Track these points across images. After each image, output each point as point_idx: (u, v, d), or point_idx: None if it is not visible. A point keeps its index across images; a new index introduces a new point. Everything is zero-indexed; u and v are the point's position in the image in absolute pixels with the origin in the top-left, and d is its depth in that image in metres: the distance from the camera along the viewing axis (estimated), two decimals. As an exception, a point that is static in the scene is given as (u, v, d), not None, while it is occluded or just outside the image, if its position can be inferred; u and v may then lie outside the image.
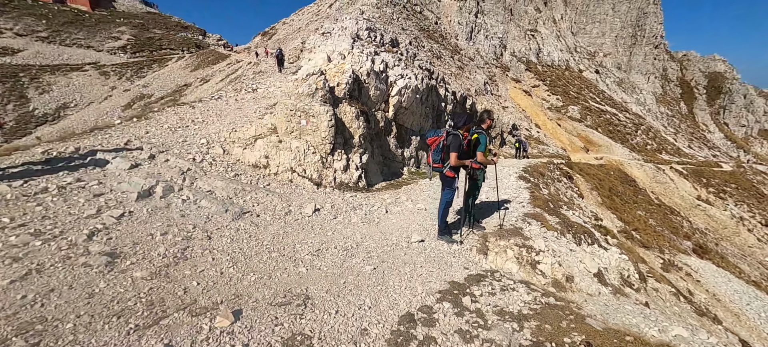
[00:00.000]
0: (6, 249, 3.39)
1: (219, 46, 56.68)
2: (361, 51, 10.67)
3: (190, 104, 12.12)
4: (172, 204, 5.13)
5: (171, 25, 57.78)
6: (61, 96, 40.86)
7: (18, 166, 5.57)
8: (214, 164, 6.95)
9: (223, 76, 34.95)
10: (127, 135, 7.87)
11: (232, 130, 8.98)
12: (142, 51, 50.31)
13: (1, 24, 41.28)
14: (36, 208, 4.35)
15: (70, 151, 6.45)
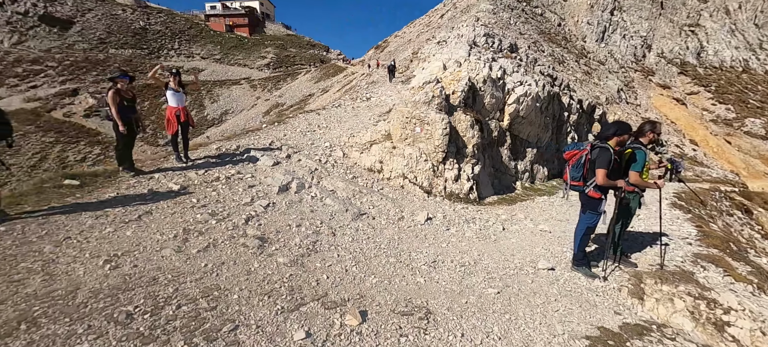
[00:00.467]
0: (195, 224, 4.32)
1: (338, 60, 63.33)
2: (478, 58, 10.22)
3: (316, 112, 13.74)
4: (303, 199, 5.77)
5: (303, 44, 67.37)
6: (225, 104, 52.20)
7: (201, 158, 7.16)
8: (335, 166, 7.61)
9: (340, 86, 38.95)
10: (271, 137, 9.35)
11: (351, 135, 9.74)
12: (280, 67, 60.10)
13: (194, 50, 55.09)
14: (211, 193, 5.47)
15: (234, 148, 7.99)
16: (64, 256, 3.29)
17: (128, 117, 5.59)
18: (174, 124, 6.42)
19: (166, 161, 6.84)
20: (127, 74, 5.61)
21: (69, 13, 49.24)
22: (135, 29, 52.53)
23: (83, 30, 49.15)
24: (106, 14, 51.81)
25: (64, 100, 41.29)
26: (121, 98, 5.48)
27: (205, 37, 59.07)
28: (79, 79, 44.26)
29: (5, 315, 2.41)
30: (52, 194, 4.62)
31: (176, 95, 6.41)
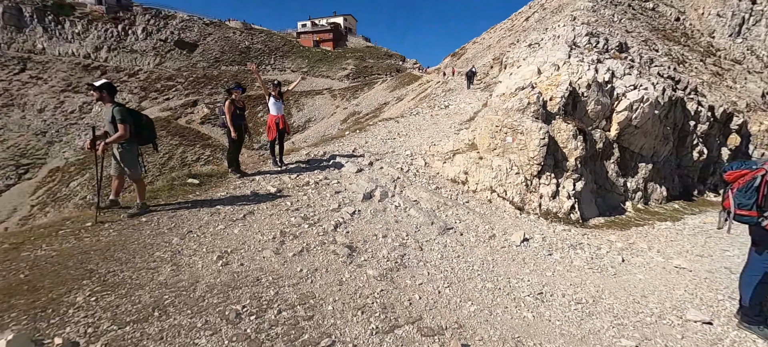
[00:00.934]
0: (290, 228, 4.50)
1: (413, 69, 63.87)
2: (580, 59, 9.01)
3: (395, 119, 13.83)
4: (387, 208, 5.66)
5: (381, 55, 69.77)
6: (308, 113, 56.88)
7: (293, 163, 7.65)
8: (417, 175, 7.40)
9: (415, 95, 39.08)
10: (353, 144, 9.62)
11: (432, 144, 9.45)
12: (359, 77, 63.13)
13: (286, 64, 61.38)
14: (303, 197, 5.73)
15: (321, 154, 8.39)
16: (187, 249, 3.68)
17: (239, 124, 6.22)
18: (273, 130, 6.97)
19: (265, 164, 7.46)
20: (240, 85, 6.26)
21: (195, 38, 59.69)
22: (241, 48, 61.06)
23: (204, 51, 59.01)
24: (221, 37, 61.36)
25: (187, 109, 49.84)
26: (235, 107, 6.12)
27: (296, 52, 65.49)
28: (198, 92, 53.02)
29: (143, 300, 2.71)
30: (179, 191, 5.35)
31: (276, 104, 6.96)
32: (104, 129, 4.21)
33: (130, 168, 4.30)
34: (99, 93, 4.12)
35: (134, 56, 54.67)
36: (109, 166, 4.47)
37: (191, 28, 60.67)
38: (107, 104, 4.16)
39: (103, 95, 4.14)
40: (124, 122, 4.11)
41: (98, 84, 4.11)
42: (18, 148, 40.36)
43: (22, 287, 2.73)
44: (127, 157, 4.28)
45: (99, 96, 4.13)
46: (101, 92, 4.12)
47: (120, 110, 4.13)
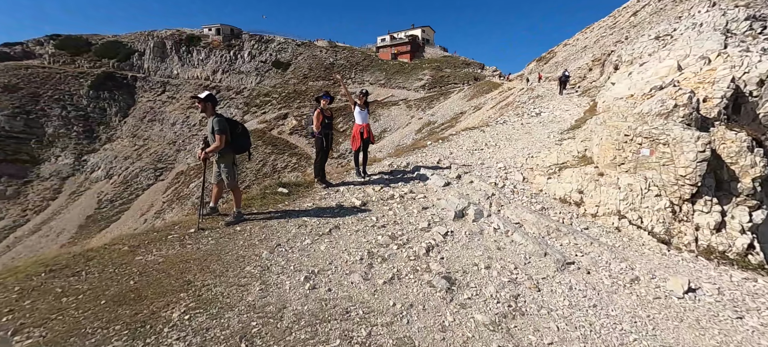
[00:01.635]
0: (377, 248, 4.05)
1: (493, 77, 60.60)
2: (744, 49, 6.83)
3: (480, 128, 12.74)
4: (484, 231, 4.83)
5: (458, 63, 68.09)
6: (384, 123, 58.18)
7: (376, 174, 7.32)
8: (516, 192, 6.36)
9: (494, 103, 36.60)
10: (437, 155, 8.96)
11: (528, 156, 8.22)
12: (434, 87, 62.45)
13: (365, 77, 64.16)
14: (388, 212, 5.27)
15: (404, 165, 7.93)
16: (276, 265, 3.47)
17: (326, 133, 6.13)
18: (358, 140, 6.75)
19: (348, 174, 7.29)
20: (329, 94, 6.18)
21: (288, 57, 66.86)
22: (326, 65, 66.10)
23: (295, 69, 65.57)
24: (310, 56, 67.48)
25: (279, 122, 55.61)
26: (323, 116, 6.06)
27: (374, 65, 68.11)
28: (289, 106, 58.80)
29: (232, 325, 2.48)
30: (270, 199, 5.40)
31: (362, 113, 6.74)
32: (207, 139, 4.38)
33: (226, 177, 4.40)
34: (203, 105, 4.29)
35: (241, 77, 63.50)
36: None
37: (286, 50, 68.02)
38: (209, 115, 4.32)
39: (206, 107, 4.31)
40: (221, 132, 4.21)
41: (202, 96, 4.29)
42: (156, 155, 50.01)
43: (130, 295, 2.76)
44: (224, 166, 4.39)
45: (203, 107, 4.30)
46: (205, 103, 4.29)
47: (219, 120, 4.25)
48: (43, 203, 41.75)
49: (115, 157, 48.96)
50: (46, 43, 61.22)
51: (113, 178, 46.06)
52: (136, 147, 51.19)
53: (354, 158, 7.17)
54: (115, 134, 53.00)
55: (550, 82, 29.57)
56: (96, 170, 46.85)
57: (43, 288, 2.81)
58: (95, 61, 60.03)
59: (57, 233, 37.07)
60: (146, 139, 53.12)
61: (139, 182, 44.83)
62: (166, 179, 45.22)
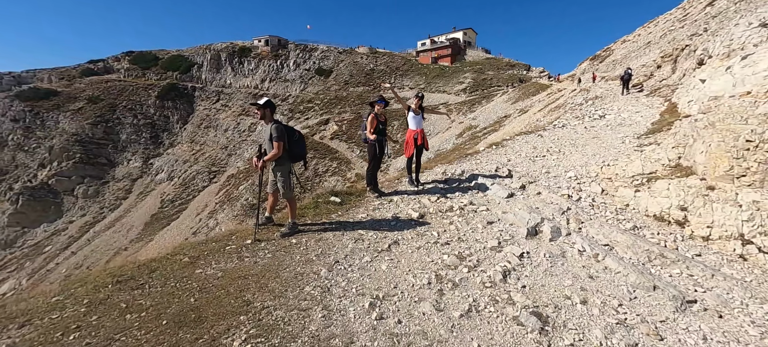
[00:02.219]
0: (445, 270, 3.57)
1: (541, 78, 57.39)
2: None
3: (537, 133, 11.72)
4: (567, 253, 4.14)
5: (501, 65, 65.49)
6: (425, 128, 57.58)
7: (430, 182, 6.85)
8: (596, 206, 5.52)
9: (543, 105, 34.33)
10: (493, 162, 8.26)
11: (603, 164, 7.23)
12: (476, 91, 60.52)
13: (404, 82, 64.00)
14: (449, 227, 4.78)
15: (458, 173, 7.37)
16: (336, 286, 3.15)
17: (380, 139, 5.79)
18: (411, 146, 6.34)
19: (400, 183, 6.91)
20: (384, 98, 5.86)
21: (330, 65, 68.83)
22: (366, 71, 67.00)
23: (336, 76, 67.28)
24: (351, 62, 68.88)
25: (321, 127, 57.24)
26: (378, 121, 5.74)
27: (414, 70, 67.73)
28: (330, 111, 60.32)
29: (297, 363, 2.16)
30: (323, 209, 5.16)
31: (416, 119, 6.33)
32: (263, 147, 4.23)
33: (282, 186, 4.21)
34: (262, 111, 4.15)
35: (286, 84, 66.49)
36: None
37: (328, 57, 70.10)
38: (268, 122, 4.16)
39: (265, 113, 4.16)
40: (279, 139, 4.03)
41: (262, 102, 4.15)
42: (211, 158, 53.82)
43: (190, 315, 2.57)
44: (280, 175, 4.21)
45: (262, 114, 4.16)
46: (264, 110, 4.14)
47: (277, 127, 4.08)
48: (116, 201, 46.72)
49: (175, 160, 53.49)
50: (123, 59, 69.02)
51: (174, 180, 50.30)
52: (193, 152, 55.53)
53: (407, 165, 6.79)
54: (176, 140, 57.98)
55: (607, 82, 27.10)
56: (160, 173, 51.49)
57: (109, 302, 2.73)
58: (161, 74, 66.42)
59: (127, 230, 41.15)
60: (202, 144, 57.45)
61: (196, 184, 48.46)
62: (219, 182, 48.37)
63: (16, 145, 50.81)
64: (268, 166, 4.26)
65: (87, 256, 37.76)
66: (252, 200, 40.03)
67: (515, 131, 21.83)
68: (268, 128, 4.14)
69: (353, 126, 55.84)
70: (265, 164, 4.13)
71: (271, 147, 4.09)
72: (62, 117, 53.52)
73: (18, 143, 50.92)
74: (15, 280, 35.70)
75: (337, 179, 45.66)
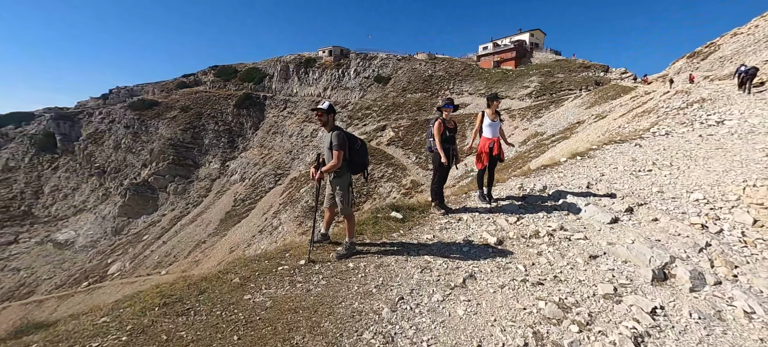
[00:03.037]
0: (546, 326, 2.68)
1: (622, 80, 50.98)
2: None
3: (634, 142, 9.81)
4: (724, 314, 2.92)
5: (573, 67, 59.82)
6: (484, 135, 54.66)
7: (504, 198, 5.88)
8: (750, 244, 4.05)
9: (626, 110, 29.87)
10: (582, 176, 6.92)
11: (747, 184, 5.49)
12: (543, 95, 55.90)
13: (463, 88, 61.90)
14: (539, 259, 3.82)
15: (538, 188, 6.25)
16: (401, 335, 2.51)
17: (447, 148, 5.05)
18: (485, 158, 5.47)
19: (468, 198, 6.05)
20: (452, 103, 5.10)
21: (389, 72, 69.61)
22: (424, 77, 66.27)
23: (394, 83, 67.72)
24: (409, 69, 68.84)
25: (377, 133, 57.85)
26: (445, 127, 5.01)
27: (474, 75, 65.09)
28: (387, 118, 60.73)
29: None
30: (383, 226, 4.57)
31: (492, 125, 5.45)
32: (323, 155, 3.79)
33: (341, 202, 3.73)
34: (325, 116, 3.73)
35: (346, 92, 68.86)
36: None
37: (387, 65, 71.05)
38: (329, 129, 3.73)
39: (328, 119, 3.73)
40: (339, 147, 3.56)
41: (324, 107, 3.74)
42: (277, 162, 57.80)
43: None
44: (339, 188, 3.73)
45: (324, 120, 3.74)
46: (328, 115, 3.73)
47: (337, 134, 3.62)
48: (199, 198, 52.59)
49: (247, 163, 58.57)
50: (209, 72, 78.31)
51: (245, 181, 55.03)
52: (262, 155, 60.27)
53: (477, 178, 5.92)
54: (248, 144, 63.58)
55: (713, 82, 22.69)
56: (234, 174, 56.80)
57: (151, 331, 2.43)
58: (239, 85, 73.77)
59: (206, 225, 45.92)
60: (270, 148, 62.10)
61: (263, 185, 52.35)
62: (283, 184, 51.61)
63: (126, 147, 60.43)
64: (325, 177, 3.82)
65: (174, 246, 42.95)
66: (311, 203, 41.83)
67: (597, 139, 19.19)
68: (328, 135, 3.71)
69: (409, 132, 55.41)
70: (322, 175, 3.69)
71: (330, 156, 3.65)
72: (161, 124, 62.29)
73: (128, 146, 60.51)
74: (121, 263, 42.01)
75: (393, 185, 45.46)
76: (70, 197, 55.38)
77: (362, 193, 43.78)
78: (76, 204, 54.33)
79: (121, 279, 38.62)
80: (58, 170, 58.75)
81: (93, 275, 40.82)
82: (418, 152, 52.25)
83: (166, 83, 76.01)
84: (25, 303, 38.96)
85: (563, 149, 15.88)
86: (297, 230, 39.64)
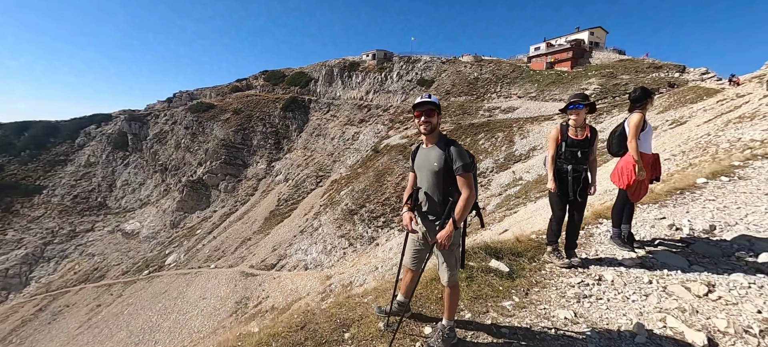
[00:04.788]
0: None
1: (702, 81, 44.85)
2: None
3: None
4: None
5: (641, 68, 53.90)
6: (534, 141, 50.81)
7: (652, 242, 4.29)
8: None
9: (713, 115, 25.60)
10: (760, 209, 5.19)
11: None
12: (604, 98, 50.84)
13: (512, 91, 58.48)
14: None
15: (701, 228, 4.60)
16: None
17: (565, 170, 3.64)
18: (645, 185, 3.85)
19: (595, 240, 4.66)
20: (584, 100, 3.54)
21: (433, 75, 68.02)
22: (470, 80, 63.71)
23: (438, 86, 65.97)
24: (453, 72, 66.68)
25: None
26: (566, 138, 3.64)
27: (524, 77, 61.25)
28: (430, 122, 59.17)
29: None
30: (483, 286, 3.44)
31: (647, 134, 3.83)
32: (422, 188, 2.54)
33: (446, 264, 2.45)
34: (435, 117, 2.43)
35: (388, 95, 68.40)
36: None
37: (430, 68, 69.50)
38: (434, 139, 2.48)
39: (437, 121, 2.44)
40: (469, 170, 2.28)
41: (434, 100, 2.44)
42: (319, 164, 58.79)
43: None
44: (449, 250, 2.42)
45: (433, 123, 2.42)
46: (438, 113, 2.45)
47: (462, 150, 2.34)
48: (246, 197, 55.04)
49: (291, 164, 60.29)
50: (259, 77, 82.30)
51: (289, 181, 56.62)
52: (305, 157, 61.71)
53: (615, 210, 4.19)
54: (293, 146, 65.53)
55: None
56: (278, 175, 58.73)
57: None
58: (286, 89, 76.58)
59: (252, 222, 47.75)
60: (313, 150, 63.42)
61: (305, 187, 53.42)
62: (324, 186, 52.25)
63: (185, 147, 65.22)
64: (421, 222, 2.63)
65: (223, 241, 45.17)
66: (351, 206, 41.64)
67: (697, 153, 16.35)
68: (436, 151, 2.43)
69: (452, 136, 53.30)
70: (416, 220, 2.58)
71: (438, 185, 2.36)
72: (215, 125, 66.42)
73: (187, 145, 65.26)
74: (176, 254, 45.04)
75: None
76: (137, 191, 60.90)
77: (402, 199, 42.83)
78: (141, 198, 59.58)
79: (176, 269, 41.30)
80: (128, 166, 65.02)
81: (153, 264, 44.17)
82: (462, 158, 49.81)
83: (222, 87, 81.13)
84: (98, 286, 43.00)
85: (699, 168, 13.30)
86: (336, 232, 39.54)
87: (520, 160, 48.49)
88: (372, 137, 61.47)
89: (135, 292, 38.24)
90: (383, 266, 30.93)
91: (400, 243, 37.31)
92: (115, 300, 38.01)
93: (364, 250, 35.09)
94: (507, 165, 48.32)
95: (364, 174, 48.32)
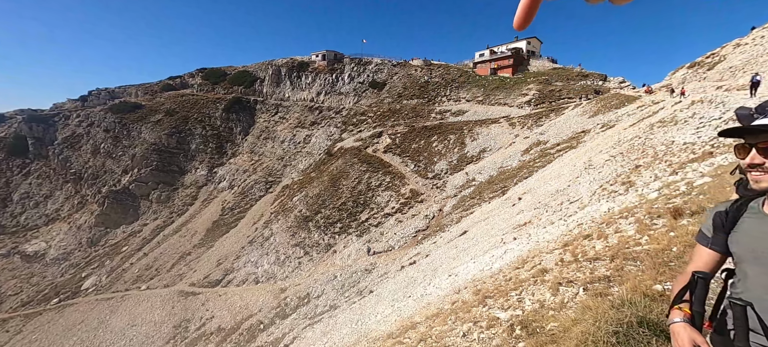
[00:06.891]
0: None
1: (622, 89, 50.85)
2: None
3: None
4: None
5: (571, 76, 59.59)
6: (483, 143, 53.39)
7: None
8: None
9: (636, 119, 29.05)
10: None
11: None
12: (542, 103, 55.35)
13: (461, 95, 60.87)
14: None
15: None
16: None
17: None
18: None
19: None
20: None
21: (384, 78, 68.20)
22: (421, 83, 65.09)
23: (390, 88, 66.31)
24: (404, 75, 67.57)
25: (374, 140, 56.10)
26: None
27: (471, 82, 64.34)
28: (383, 124, 59.10)
29: None
30: None
31: None
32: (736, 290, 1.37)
33: None
34: None
35: (340, 97, 66.96)
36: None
37: (382, 70, 69.61)
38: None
39: None
40: None
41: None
42: (268, 169, 55.20)
43: None
44: None
45: None
46: None
47: None
48: (184, 207, 49.48)
49: (236, 170, 55.76)
50: (196, 75, 75.23)
51: (234, 188, 52.23)
52: (252, 162, 57.56)
53: None
54: (237, 150, 60.77)
55: (729, 91, 22.02)
56: (222, 182, 53.89)
57: None
58: (228, 88, 70.96)
59: (191, 235, 42.92)
60: (260, 154, 59.44)
61: (253, 193, 49.70)
62: (274, 192, 49.12)
63: (106, 152, 56.81)
64: None
65: (156, 258, 39.86)
66: (305, 212, 39.50)
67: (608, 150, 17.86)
68: None
69: (407, 139, 53.88)
70: None
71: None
72: (144, 128, 58.93)
73: (108, 150, 56.90)
74: (96, 276, 38.65)
75: (391, 194, 43.56)
76: (42, 205, 51.41)
77: (359, 203, 41.65)
78: (48, 213, 50.40)
79: (97, 294, 35.38)
80: (29, 176, 54.64)
81: (65, 291, 37.34)
82: (416, 160, 50.63)
83: (151, 86, 72.58)
84: (-15, 324, 35.04)
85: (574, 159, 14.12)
86: (290, 241, 37.13)
87: (471, 161, 50.43)
88: (325, 139, 59.47)
89: (40, 326, 31.81)
90: (342, 273, 29.50)
91: (358, 249, 36.15)
92: (11, 339, 31.21)
93: (321, 258, 33.34)
94: (460, 166, 49.89)
95: (318, 179, 46.28)
